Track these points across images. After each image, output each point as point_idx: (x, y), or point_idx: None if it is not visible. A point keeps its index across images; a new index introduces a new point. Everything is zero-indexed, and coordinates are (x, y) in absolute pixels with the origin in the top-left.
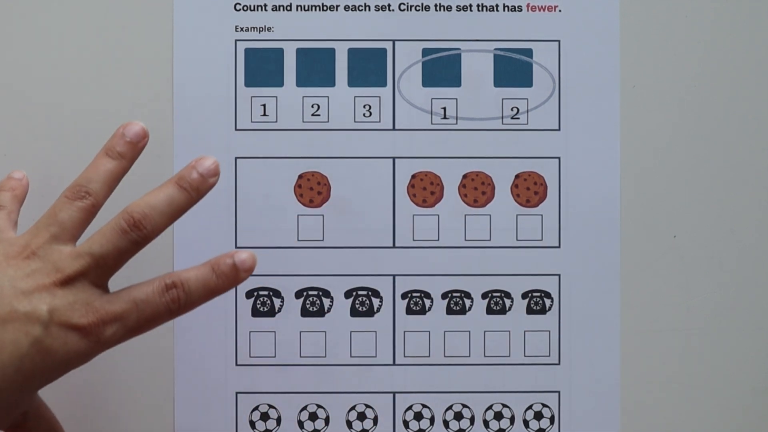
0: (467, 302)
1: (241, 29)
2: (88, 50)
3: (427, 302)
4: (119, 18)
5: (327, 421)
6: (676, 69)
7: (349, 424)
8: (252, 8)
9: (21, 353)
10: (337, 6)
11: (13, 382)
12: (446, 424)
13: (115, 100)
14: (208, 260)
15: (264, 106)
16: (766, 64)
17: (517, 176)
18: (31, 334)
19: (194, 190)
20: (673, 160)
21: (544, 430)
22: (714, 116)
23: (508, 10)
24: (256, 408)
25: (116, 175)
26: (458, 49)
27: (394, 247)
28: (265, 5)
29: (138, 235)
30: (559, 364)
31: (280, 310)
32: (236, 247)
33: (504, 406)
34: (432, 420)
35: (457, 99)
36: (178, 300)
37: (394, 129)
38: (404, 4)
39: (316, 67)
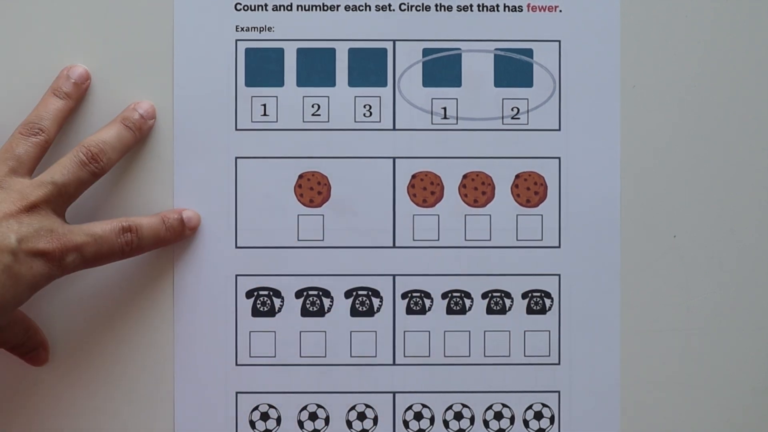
0: (467, 302)
1: (242, 29)
2: (88, 50)
3: (427, 302)
4: (120, 18)
5: (327, 420)
6: (676, 69)
7: (349, 424)
8: (252, 8)
9: None
10: (338, 6)
11: None
12: (446, 424)
13: (116, 99)
14: (159, 212)
15: (264, 105)
16: (766, 64)
17: (517, 176)
18: (2, 262)
19: (137, 129)
20: (673, 160)
21: (544, 430)
22: (714, 116)
23: (509, 10)
24: (256, 408)
25: (64, 113)
26: (459, 49)
27: (394, 247)
28: (266, 5)
29: (95, 167)
30: (559, 364)
31: (280, 310)
32: (236, 247)
33: (504, 406)
34: (432, 420)
35: (457, 99)
36: (131, 243)
37: (394, 129)
38: (405, 4)
39: (316, 67)
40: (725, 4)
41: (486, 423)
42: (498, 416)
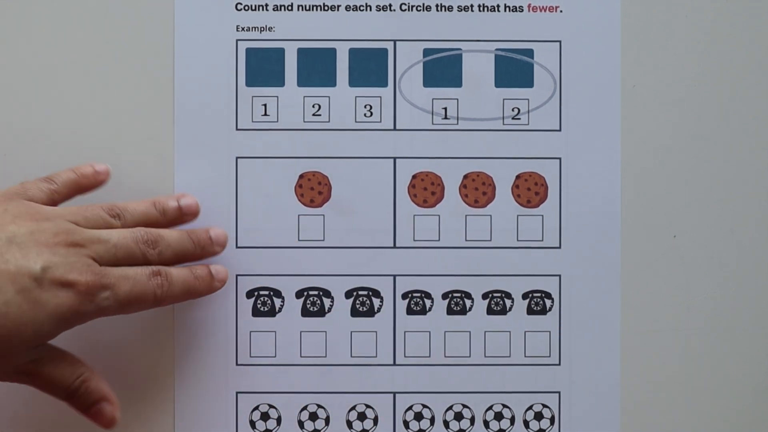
0: (468, 302)
1: (242, 29)
2: (88, 50)
3: (428, 302)
4: (120, 18)
5: (327, 421)
6: (676, 69)
7: (349, 424)
8: (253, 8)
9: (5, 299)
10: (338, 6)
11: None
12: (446, 424)
13: (116, 100)
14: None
15: (265, 105)
16: (766, 64)
17: (517, 177)
18: (19, 283)
19: (200, 248)
20: (673, 160)
21: (545, 430)
22: (714, 116)
23: (510, 11)
24: (257, 408)
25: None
26: (459, 49)
27: (394, 247)
28: (267, 5)
29: (150, 251)
30: (559, 364)
31: (280, 310)
32: (236, 247)
33: (504, 406)
34: (432, 420)
35: (458, 99)
36: (162, 287)
37: (395, 129)
38: (405, 4)
39: (317, 67)
40: (725, 4)
41: (486, 423)
42: (498, 417)
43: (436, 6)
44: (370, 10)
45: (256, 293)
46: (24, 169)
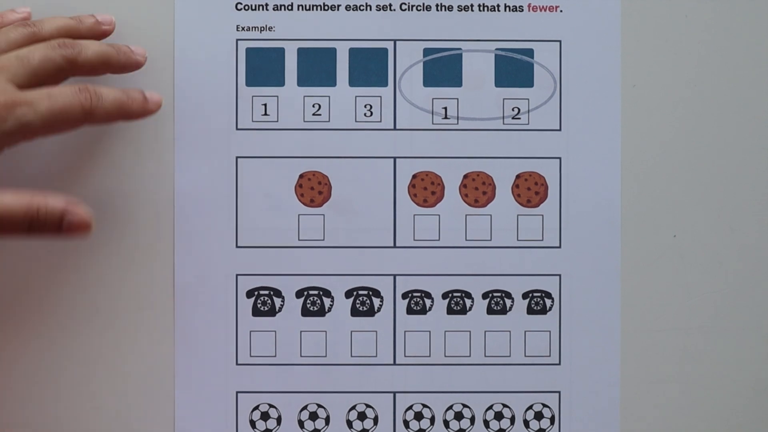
0: (468, 302)
1: (243, 29)
2: None
3: (428, 302)
4: (120, 17)
5: (327, 420)
6: (677, 69)
7: (349, 423)
8: (253, 8)
9: None
10: (338, 6)
11: None
12: (446, 424)
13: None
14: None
15: (265, 105)
16: (766, 64)
17: (517, 176)
18: None
19: (121, 52)
20: (673, 160)
21: (545, 430)
22: (714, 116)
23: (510, 10)
24: (257, 407)
25: (69, 30)
26: (459, 49)
27: (394, 246)
28: (267, 5)
29: (68, 51)
30: (559, 364)
31: (280, 309)
32: (236, 247)
33: (504, 406)
34: (432, 420)
35: (458, 99)
36: (91, 100)
37: (395, 129)
38: (405, 3)
39: (317, 66)
40: (725, 5)
41: (486, 423)
42: (498, 416)
43: (436, 6)
44: (370, 9)
45: (256, 293)
46: (23, 169)
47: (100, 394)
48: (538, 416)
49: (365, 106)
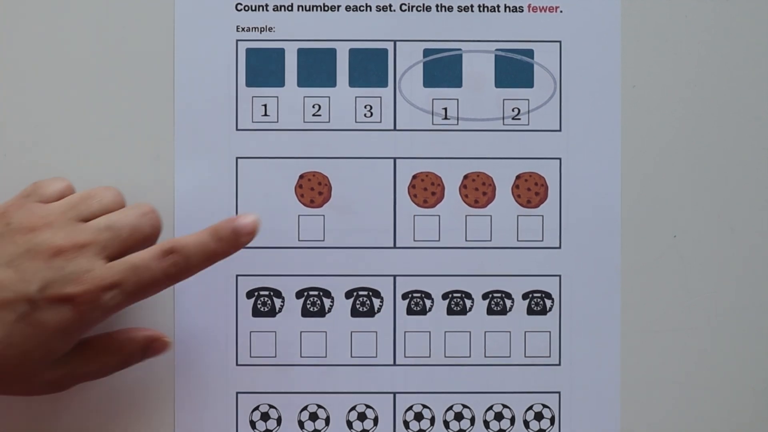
0: (468, 303)
1: (243, 29)
2: (88, 49)
3: (428, 303)
4: (120, 17)
5: (327, 421)
6: (677, 69)
7: (349, 424)
8: (253, 8)
9: (7, 330)
10: (339, 6)
11: (8, 356)
12: (446, 424)
13: (116, 99)
14: (210, 226)
15: (265, 106)
16: (766, 64)
17: (517, 177)
18: (17, 310)
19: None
20: (673, 161)
21: (545, 430)
22: (714, 116)
23: (510, 11)
24: (257, 408)
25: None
26: (459, 49)
27: (394, 247)
28: (267, 5)
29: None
30: (559, 364)
31: (280, 310)
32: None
33: (504, 406)
34: (432, 420)
35: (458, 99)
36: (176, 265)
37: (395, 129)
38: (405, 4)
39: (317, 67)
40: (725, 5)
41: (486, 424)
42: (498, 417)
43: (436, 6)
44: (370, 10)
45: (256, 293)
46: (22, 170)
47: (99, 393)
48: (538, 417)
49: (365, 107)
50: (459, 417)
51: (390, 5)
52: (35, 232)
